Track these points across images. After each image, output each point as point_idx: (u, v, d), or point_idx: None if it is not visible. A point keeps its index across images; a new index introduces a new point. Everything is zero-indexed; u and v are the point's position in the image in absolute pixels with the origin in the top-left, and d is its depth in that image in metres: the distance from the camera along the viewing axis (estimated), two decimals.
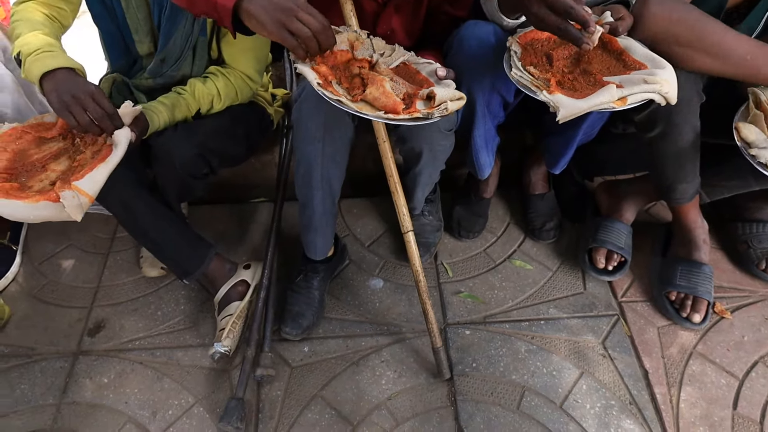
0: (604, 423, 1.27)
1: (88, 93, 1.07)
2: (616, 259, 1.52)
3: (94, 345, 1.44)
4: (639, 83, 0.98)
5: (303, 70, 0.96)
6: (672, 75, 1.00)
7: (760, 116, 1.14)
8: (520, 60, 1.05)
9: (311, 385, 1.35)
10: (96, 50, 1.42)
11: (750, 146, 1.11)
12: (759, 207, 1.57)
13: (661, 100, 0.99)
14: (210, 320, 1.48)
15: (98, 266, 1.62)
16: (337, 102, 0.96)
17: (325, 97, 0.95)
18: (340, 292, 1.55)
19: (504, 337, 1.44)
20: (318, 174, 1.25)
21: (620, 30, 1.05)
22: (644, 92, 0.97)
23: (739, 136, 1.12)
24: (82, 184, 1.02)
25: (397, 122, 0.96)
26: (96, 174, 1.04)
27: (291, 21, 0.89)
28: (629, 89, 0.97)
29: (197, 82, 1.29)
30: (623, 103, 0.96)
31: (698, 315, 1.41)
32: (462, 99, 1.01)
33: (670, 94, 0.99)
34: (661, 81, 0.98)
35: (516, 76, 1.04)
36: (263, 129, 1.52)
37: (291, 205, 1.56)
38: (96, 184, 1.04)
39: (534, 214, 1.66)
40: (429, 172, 1.39)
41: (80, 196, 1.01)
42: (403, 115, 0.95)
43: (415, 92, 1.01)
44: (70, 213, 1.01)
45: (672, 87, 0.99)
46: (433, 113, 0.97)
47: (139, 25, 1.27)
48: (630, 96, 0.97)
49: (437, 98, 0.98)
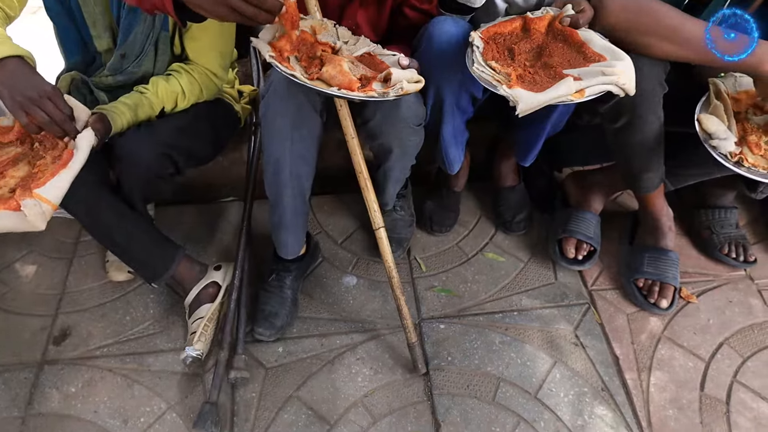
0: (577, 410, 1.29)
1: (44, 93, 1.02)
2: (585, 249, 1.54)
3: (60, 354, 1.39)
4: (597, 75, 0.99)
5: (257, 43, 0.96)
6: (630, 66, 1.01)
7: (720, 107, 1.17)
8: (482, 54, 1.05)
9: (287, 385, 1.33)
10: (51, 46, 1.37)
11: (711, 137, 1.14)
12: (721, 194, 1.62)
13: (618, 91, 1.00)
14: (181, 324, 1.44)
15: (62, 272, 1.57)
16: (290, 76, 0.95)
17: (278, 69, 0.95)
18: (313, 290, 1.53)
19: (478, 329, 1.44)
20: (287, 171, 1.24)
21: (581, 22, 1.06)
22: (602, 84, 0.99)
23: (701, 128, 1.15)
24: (44, 191, 0.98)
25: (349, 97, 0.96)
26: (58, 180, 1.00)
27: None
28: (587, 81, 0.98)
29: (160, 80, 1.25)
30: (581, 95, 0.97)
31: (665, 300, 1.44)
32: (420, 82, 1.02)
33: (627, 86, 1.00)
34: (618, 72, 0.99)
35: (477, 71, 1.04)
36: (230, 126, 1.49)
37: (261, 203, 1.53)
38: (59, 190, 1.00)
39: (505, 206, 1.68)
40: (400, 167, 1.39)
41: (42, 204, 0.97)
42: (357, 92, 0.95)
43: (374, 75, 1.02)
44: (33, 222, 0.97)
45: (629, 78, 1.00)
46: (389, 92, 0.97)
47: (97, 19, 1.22)
48: (588, 88, 0.98)
49: (393, 79, 0.99)
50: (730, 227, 1.59)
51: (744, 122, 1.18)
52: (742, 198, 1.67)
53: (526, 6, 1.25)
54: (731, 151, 1.11)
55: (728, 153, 1.11)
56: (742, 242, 1.58)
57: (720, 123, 1.15)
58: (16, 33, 1.20)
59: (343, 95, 0.96)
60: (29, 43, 1.28)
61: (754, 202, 1.71)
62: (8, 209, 0.96)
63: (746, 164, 1.11)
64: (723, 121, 1.15)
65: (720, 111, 1.16)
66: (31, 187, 0.98)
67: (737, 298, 1.51)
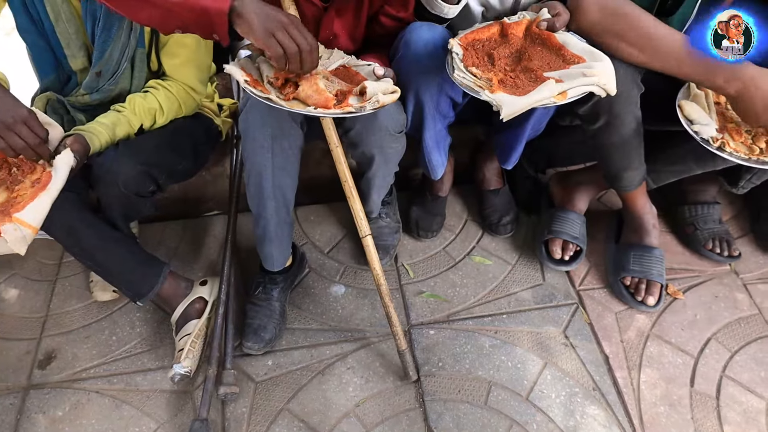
0: (569, 411, 1.29)
1: (19, 118, 1.01)
2: (571, 249, 1.55)
3: (46, 377, 1.37)
4: (578, 77, 1.00)
5: (230, 69, 0.97)
6: (609, 67, 1.02)
7: (701, 96, 1.18)
8: (462, 61, 1.06)
9: (277, 398, 1.32)
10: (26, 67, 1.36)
11: (692, 123, 1.15)
12: (702, 190, 1.63)
13: (600, 92, 1.01)
14: (168, 341, 1.43)
15: (45, 294, 1.55)
16: (266, 99, 0.96)
17: (253, 96, 0.96)
18: (301, 301, 1.52)
19: (468, 333, 1.44)
20: (269, 184, 1.23)
21: (557, 26, 1.07)
22: (583, 85, 0.99)
23: (682, 114, 1.16)
24: (24, 215, 0.97)
25: (326, 116, 0.97)
26: (37, 204, 1.00)
27: (281, 32, 0.93)
28: (569, 83, 0.99)
29: (137, 98, 1.24)
30: (564, 97, 0.98)
31: (652, 298, 1.45)
32: (396, 92, 1.02)
33: (608, 86, 1.01)
34: (599, 73, 1.00)
35: (459, 77, 1.04)
36: (211, 141, 1.48)
37: (246, 216, 1.53)
38: (39, 214, 1.00)
39: (490, 209, 1.68)
40: (383, 174, 1.39)
41: (22, 228, 0.97)
42: (334, 110, 0.95)
43: (349, 89, 1.02)
44: (13, 247, 0.97)
45: (610, 78, 1.01)
46: (365, 106, 0.97)
47: (71, 40, 1.21)
48: (570, 90, 0.99)
49: (368, 92, 0.99)
50: (713, 223, 1.61)
51: (724, 112, 1.19)
52: (725, 194, 1.68)
53: (502, 9, 1.25)
54: (713, 136, 1.12)
55: (710, 138, 1.12)
56: (725, 237, 1.59)
57: (701, 110, 1.16)
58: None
59: (320, 114, 0.96)
60: (3, 65, 1.27)
61: (736, 197, 1.73)
62: None
63: (728, 149, 1.12)
64: (704, 108, 1.17)
65: (701, 100, 1.18)
66: (11, 212, 0.98)
67: (723, 293, 1.52)
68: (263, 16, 0.93)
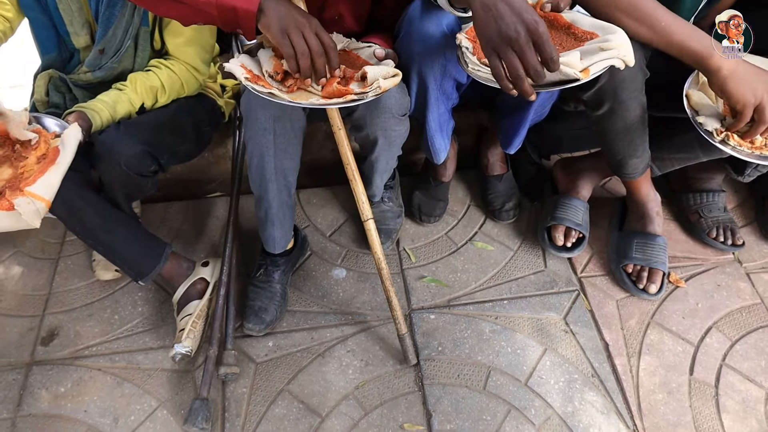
0: (568, 397, 1.30)
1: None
2: (574, 236, 1.54)
3: (49, 354, 1.38)
4: (596, 52, 0.97)
5: (230, 67, 0.97)
6: (625, 37, 0.98)
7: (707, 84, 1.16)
8: (474, 54, 1.01)
9: (277, 379, 1.33)
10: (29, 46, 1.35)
11: (698, 113, 1.13)
12: (708, 178, 1.61)
13: (620, 64, 0.97)
14: (170, 321, 1.44)
15: (48, 272, 1.56)
16: (268, 95, 0.96)
17: (255, 92, 0.96)
18: (302, 283, 1.53)
19: (468, 318, 1.45)
20: (271, 166, 1.23)
21: (562, 5, 1.05)
22: (604, 59, 0.96)
23: (689, 103, 1.14)
24: (36, 188, 0.99)
25: (329, 106, 0.97)
26: (49, 177, 1.01)
27: (295, 33, 0.95)
28: (589, 59, 0.96)
29: (138, 75, 1.23)
30: (587, 74, 0.95)
31: (654, 286, 1.45)
32: (397, 75, 1.01)
33: (628, 57, 0.97)
34: (617, 45, 0.96)
35: (474, 71, 1.00)
36: (214, 121, 1.48)
37: (248, 198, 1.53)
38: (51, 187, 1.01)
39: (493, 195, 1.67)
40: (386, 158, 1.38)
41: (36, 201, 0.98)
42: (336, 99, 0.95)
43: (351, 75, 1.01)
44: (28, 220, 0.98)
45: (628, 49, 0.97)
46: (367, 93, 0.97)
47: (74, 17, 1.21)
48: (592, 66, 0.95)
49: (369, 78, 0.98)
50: (718, 211, 1.60)
51: None
52: (730, 181, 1.67)
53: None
54: (717, 128, 1.11)
55: (714, 130, 1.11)
56: (730, 226, 1.58)
57: (708, 100, 1.14)
58: None
59: (322, 105, 0.96)
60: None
61: (742, 185, 1.72)
62: (1, 209, 0.97)
63: (732, 142, 1.10)
64: (710, 98, 1.15)
65: (709, 90, 1.16)
66: (21, 186, 0.98)
67: (725, 282, 1.51)
68: (283, 15, 0.96)
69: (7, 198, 0.97)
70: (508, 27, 0.84)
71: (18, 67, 1.18)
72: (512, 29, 0.84)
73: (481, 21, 0.88)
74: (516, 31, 0.84)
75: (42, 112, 1.30)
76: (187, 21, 1.04)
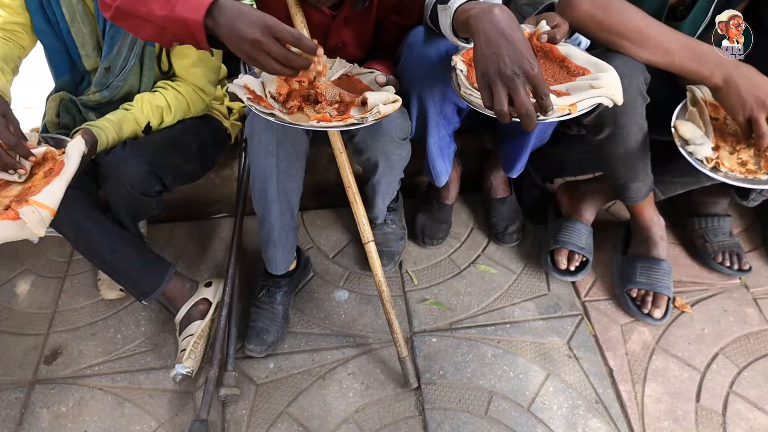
0: (571, 423, 1.28)
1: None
2: (577, 260, 1.53)
3: (51, 373, 1.39)
4: (586, 89, 1.00)
5: (234, 88, 0.99)
6: (615, 77, 1.02)
7: (696, 113, 1.17)
8: (467, 78, 1.04)
9: (277, 402, 1.33)
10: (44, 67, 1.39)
11: (687, 143, 1.14)
12: (713, 202, 1.61)
13: (608, 102, 1.01)
14: (172, 341, 1.44)
15: (54, 291, 1.57)
16: (269, 115, 0.97)
17: (256, 111, 0.97)
18: (304, 305, 1.53)
19: (470, 342, 1.43)
20: (274, 188, 1.24)
21: (558, 37, 1.06)
22: (592, 97, 0.99)
23: (677, 134, 1.15)
24: (40, 197, 1.00)
25: (329, 129, 0.97)
26: (53, 186, 1.02)
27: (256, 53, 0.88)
28: (577, 96, 0.99)
29: (144, 95, 1.26)
30: (575, 109, 0.97)
31: (659, 310, 1.43)
32: (397, 101, 1.02)
33: (616, 96, 1.01)
34: (606, 84, 0.99)
35: (466, 95, 1.02)
36: (219, 143, 1.50)
37: (253, 219, 1.53)
38: (55, 196, 1.02)
39: (496, 218, 1.67)
40: (387, 181, 1.39)
41: (40, 209, 0.99)
42: (336, 122, 0.96)
43: (352, 99, 1.02)
44: (32, 228, 0.99)
45: (617, 89, 1.01)
46: (367, 117, 0.98)
47: (85, 40, 1.24)
48: (579, 102, 0.98)
49: (369, 103, 1.00)
50: (723, 235, 1.58)
51: (722, 127, 1.18)
52: (736, 206, 1.66)
53: None
54: (707, 157, 1.11)
55: (704, 158, 1.11)
56: (736, 250, 1.56)
57: (696, 129, 1.15)
58: None
59: (322, 128, 0.97)
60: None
61: (748, 210, 1.70)
62: (7, 219, 0.98)
63: (723, 169, 1.10)
64: (699, 127, 1.15)
65: (696, 117, 1.16)
66: (27, 197, 1.00)
67: (732, 307, 1.49)
68: (235, 36, 0.88)
69: (13, 208, 0.98)
70: (506, 67, 0.87)
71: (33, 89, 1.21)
72: (510, 70, 0.87)
73: (482, 55, 0.90)
74: (514, 73, 0.87)
75: (52, 132, 1.34)
76: (162, 40, 0.97)
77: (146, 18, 0.92)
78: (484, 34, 0.90)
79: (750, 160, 1.12)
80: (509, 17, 0.92)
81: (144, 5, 0.91)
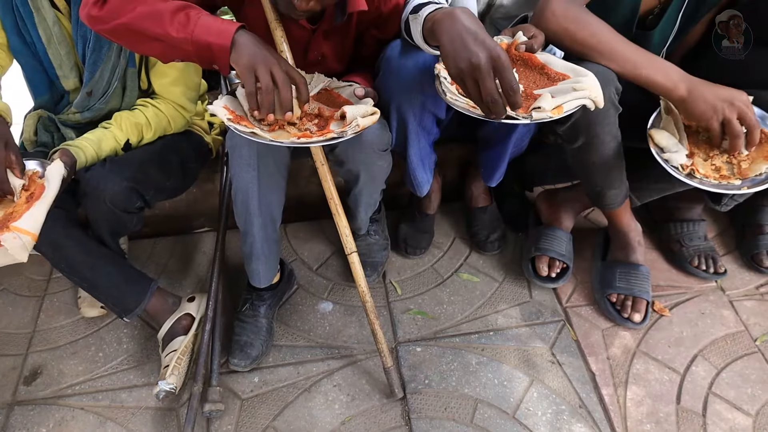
0: (555, 428, 1.29)
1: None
2: (558, 266, 1.56)
3: (31, 394, 1.37)
4: (569, 92, 1.02)
5: (214, 109, 1.00)
6: (595, 80, 1.04)
7: (671, 120, 1.20)
8: (452, 83, 1.05)
9: (263, 416, 1.32)
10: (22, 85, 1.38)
11: (663, 151, 1.17)
12: (688, 207, 1.64)
13: (591, 104, 1.03)
14: (155, 357, 1.43)
15: (33, 310, 1.55)
16: (250, 134, 0.98)
17: (237, 132, 0.98)
18: (289, 318, 1.53)
19: (455, 350, 1.44)
20: (255, 201, 1.24)
21: (535, 47, 1.09)
22: (576, 99, 1.01)
23: (652, 142, 1.18)
24: (21, 223, 1.00)
25: (309, 145, 0.99)
26: (33, 211, 1.02)
27: (263, 69, 0.95)
28: (562, 98, 1.01)
29: (123, 113, 1.27)
30: (560, 111, 1.00)
31: (638, 315, 1.46)
32: (375, 114, 1.04)
33: (598, 98, 1.03)
34: (589, 87, 1.02)
35: (452, 99, 1.04)
36: (200, 158, 1.50)
37: (235, 233, 1.52)
38: (36, 221, 1.02)
39: (478, 227, 1.69)
40: (369, 192, 1.40)
41: (21, 235, 0.99)
42: (316, 137, 0.97)
43: (331, 114, 1.04)
44: (15, 255, 0.99)
45: (598, 91, 1.03)
46: (347, 131, 1.00)
47: (63, 61, 1.24)
48: (564, 104, 1.00)
49: (348, 117, 1.01)
50: (699, 240, 1.62)
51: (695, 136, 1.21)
52: (710, 211, 1.70)
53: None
54: (682, 164, 1.14)
55: (680, 165, 1.14)
56: (711, 254, 1.60)
57: (670, 137, 1.18)
58: None
59: (302, 144, 0.98)
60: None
61: (721, 214, 1.75)
62: None
63: (698, 175, 1.13)
64: (674, 134, 1.19)
65: (670, 125, 1.20)
66: (8, 224, 0.99)
67: (709, 310, 1.53)
68: (254, 52, 0.96)
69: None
70: (470, 54, 0.90)
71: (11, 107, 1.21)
72: (474, 56, 0.90)
73: (447, 52, 0.94)
74: (478, 57, 0.89)
75: (30, 150, 1.33)
76: (166, 58, 1.05)
77: (158, 38, 0.97)
78: (447, 33, 0.94)
79: (723, 166, 1.16)
80: (470, 16, 0.95)
81: (159, 27, 0.96)
